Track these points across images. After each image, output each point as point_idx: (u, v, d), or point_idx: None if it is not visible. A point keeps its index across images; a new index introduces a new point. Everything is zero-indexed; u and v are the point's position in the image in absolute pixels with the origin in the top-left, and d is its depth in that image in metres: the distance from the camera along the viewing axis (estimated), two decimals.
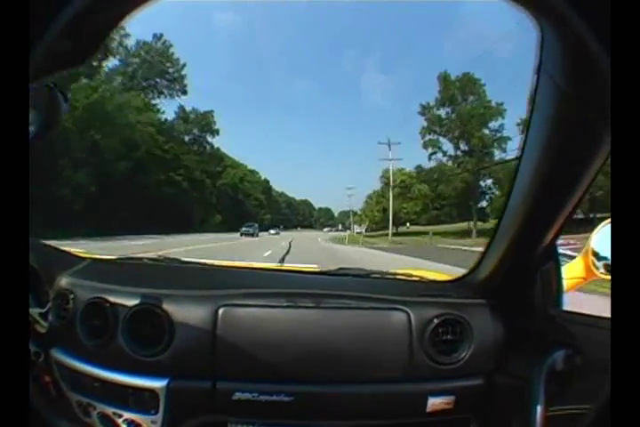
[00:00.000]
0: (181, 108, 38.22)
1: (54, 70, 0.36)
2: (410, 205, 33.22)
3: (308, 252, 11.68)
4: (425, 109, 30.40)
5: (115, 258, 1.30)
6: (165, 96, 35.68)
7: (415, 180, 32.70)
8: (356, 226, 36.95)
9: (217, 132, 40.38)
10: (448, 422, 0.94)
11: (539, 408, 0.76)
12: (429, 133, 30.31)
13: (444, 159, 30.58)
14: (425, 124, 30.59)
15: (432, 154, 30.56)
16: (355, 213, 41.13)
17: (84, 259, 1.16)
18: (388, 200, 31.68)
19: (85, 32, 0.34)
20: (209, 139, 41.48)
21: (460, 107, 29.31)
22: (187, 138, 39.12)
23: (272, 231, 32.38)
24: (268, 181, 58.78)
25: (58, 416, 0.95)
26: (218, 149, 43.15)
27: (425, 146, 30.40)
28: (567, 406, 0.80)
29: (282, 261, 2.39)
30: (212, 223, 35.55)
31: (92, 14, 0.32)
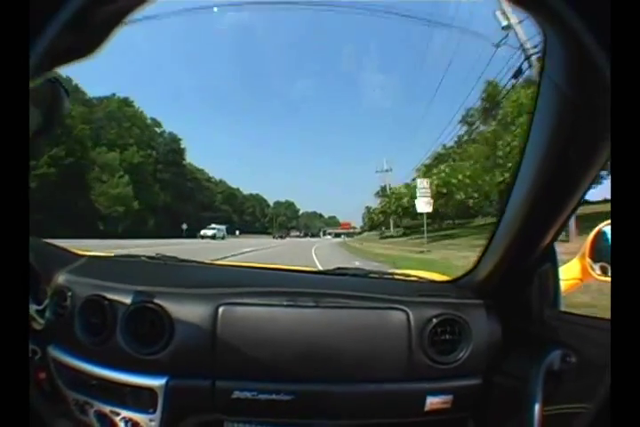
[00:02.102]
0: None
1: (57, 64, 0.35)
2: None
3: None
4: None
5: (112, 255, 1.29)
6: None
7: None
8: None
9: None
10: (446, 422, 0.95)
11: (536, 408, 0.77)
12: None
13: None
14: None
15: None
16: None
17: (81, 256, 1.15)
18: None
19: (90, 25, 0.33)
20: None
21: None
22: None
23: None
24: (178, 140, 37.49)
25: (54, 414, 0.94)
26: None
27: None
28: (564, 405, 0.81)
29: None
30: None
31: (97, 7, 0.31)
